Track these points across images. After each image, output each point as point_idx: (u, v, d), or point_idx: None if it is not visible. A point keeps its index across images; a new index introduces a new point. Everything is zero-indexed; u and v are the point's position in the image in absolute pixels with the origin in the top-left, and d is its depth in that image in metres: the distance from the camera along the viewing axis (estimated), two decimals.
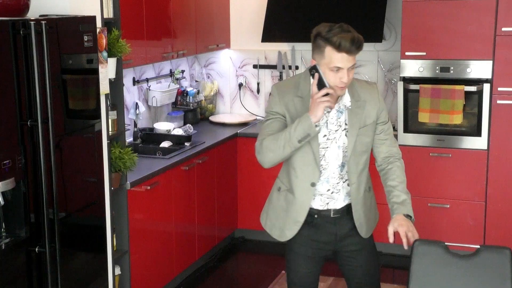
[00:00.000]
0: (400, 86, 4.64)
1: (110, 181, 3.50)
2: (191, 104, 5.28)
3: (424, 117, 4.56)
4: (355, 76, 5.22)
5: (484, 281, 2.53)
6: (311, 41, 2.69)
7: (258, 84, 5.60)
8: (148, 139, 4.69)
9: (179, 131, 4.84)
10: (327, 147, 2.78)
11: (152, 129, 4.82)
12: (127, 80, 4.63)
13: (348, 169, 2.80)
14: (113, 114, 3.66)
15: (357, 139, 2.78)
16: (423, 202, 4.68)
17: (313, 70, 2.65)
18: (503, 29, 4.36)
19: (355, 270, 2.94)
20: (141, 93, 4.88)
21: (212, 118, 5.50)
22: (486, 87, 4.46)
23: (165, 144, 4.61)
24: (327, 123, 2.76)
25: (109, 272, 3.44)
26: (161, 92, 4.93)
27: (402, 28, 4.61)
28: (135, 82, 4.76)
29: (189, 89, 5.33)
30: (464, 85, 4.46)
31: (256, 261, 5.03)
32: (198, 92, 5.42)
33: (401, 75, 4.67)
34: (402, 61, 4.64)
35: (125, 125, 3.89)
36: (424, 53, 4.56)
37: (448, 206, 4.66)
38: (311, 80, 2.69)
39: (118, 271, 3.72)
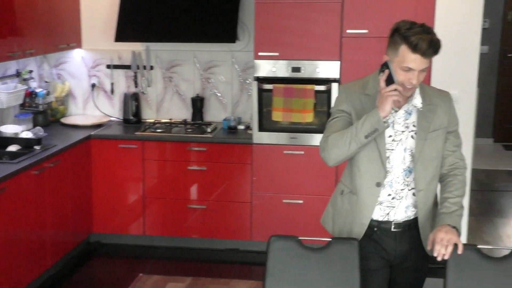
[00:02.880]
0: (254, 86, 4.73)
1: None
2: (40, 106, 5.05)
3: (277, 116, 4.68)
4: (213, 75, 5.31)
5: (335, 271, 2.64)
6: (388, 35, 2.61)
7: (112, 84, 5.47)
8: None
9: (28, 134, 4.61)
10: (393, 149, 2.67)
11: None
12: None
13: (415, 174, 2.67)
14: None
15: (426, 143, 2.66)
16: (278, 198, 4.81)
17: (384, 66, 2.59)
18: (348, 31, 4.57)
19: (402, 286, 2.85)
20: None
21: (63, 120, 5.30)
22: (335, 86, 4.65)
23: (13, 148, 4.38)
24: (393, 123, 2.67)
25: None
26: (7, 93, 4.67)
27: (255, 29, 4.70)
28: None
29: (38, 90, 5.10)
30: (315, 85, 4.63)
31: (113, 265, 4.91)
32: (48, 93, 5.19)
33: (255, 75, 4.75)
34: (256, 61, 4.73)
35: None
36: (277, 54, 4.68)
37: (302, 201, 4.81)
38: (380, 76, 2.60)
39: None
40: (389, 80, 2.55)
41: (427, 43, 2.47)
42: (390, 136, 2.67)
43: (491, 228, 5.61)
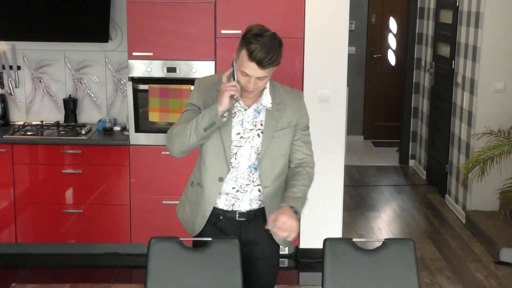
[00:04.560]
0: (129, 86, 4.66)
1: None
2: None
3: (154, 116, 4.64)
4: (86, 76, 5.17)
5: (216, 270, 2.68)
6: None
7: None
8: None
9: None
10: (241, 146, 2.75)
11: None
12: None
13: (261, 171, 2.76)
14: None
15: (272, 141, 2.75)
16: (158, 200, 4.76)
17: (232, 64, 2.65)
18: (222, 31, 4.62)
19: (251, 279, 2.89)
20: None
21: None
22: None
23: None
24: (242, 121, 2.74)
25: None
26: None
27: (128, 28, 4.63)
28: None
29: None
30: (191, 85, 4.63)
31: None
32: None
33: (129, 75, 4.68)
34: (130, 61, 4.66)
35: None
36: (151, 54, 4.63)
37: None
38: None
39: None
40: (232, 77, 2.63)
41: (263, 54, 2.52)
42: (239, 133, 2.75)
43: (363, 221, 5.88)
